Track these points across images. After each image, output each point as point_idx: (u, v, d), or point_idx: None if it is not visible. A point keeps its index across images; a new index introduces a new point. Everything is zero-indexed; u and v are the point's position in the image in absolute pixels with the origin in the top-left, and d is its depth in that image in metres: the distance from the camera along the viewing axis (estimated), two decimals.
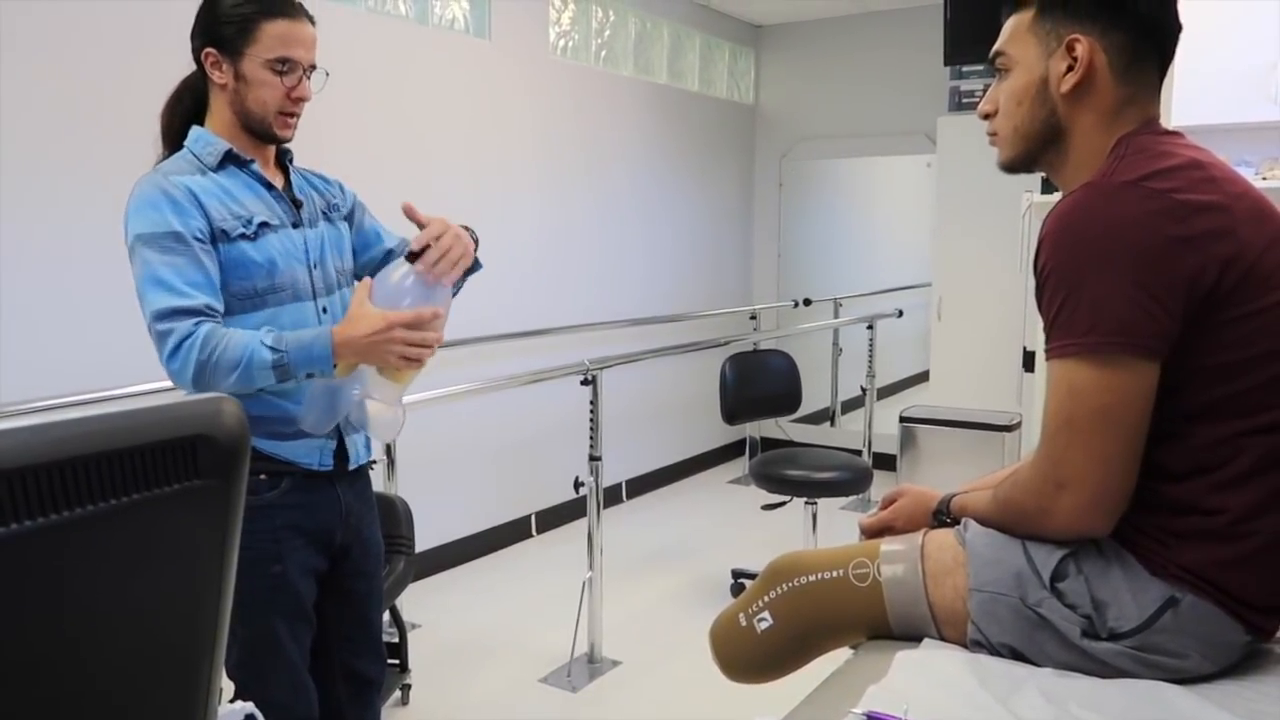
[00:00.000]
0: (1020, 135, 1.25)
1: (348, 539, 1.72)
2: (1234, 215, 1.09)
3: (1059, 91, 1.20)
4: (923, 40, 5.20)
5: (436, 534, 3.93)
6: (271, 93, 1.56)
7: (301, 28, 1.58)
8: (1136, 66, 1.19)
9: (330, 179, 1.79)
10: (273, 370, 1.46)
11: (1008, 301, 4.40)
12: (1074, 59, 1.18)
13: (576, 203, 4.71)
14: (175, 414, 0.65)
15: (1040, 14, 1.21)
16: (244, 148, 1.61)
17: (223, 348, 1.46)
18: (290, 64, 1.56)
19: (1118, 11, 1.17)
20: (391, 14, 3.77)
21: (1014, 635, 1.18)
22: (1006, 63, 1.25)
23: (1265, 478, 1.11)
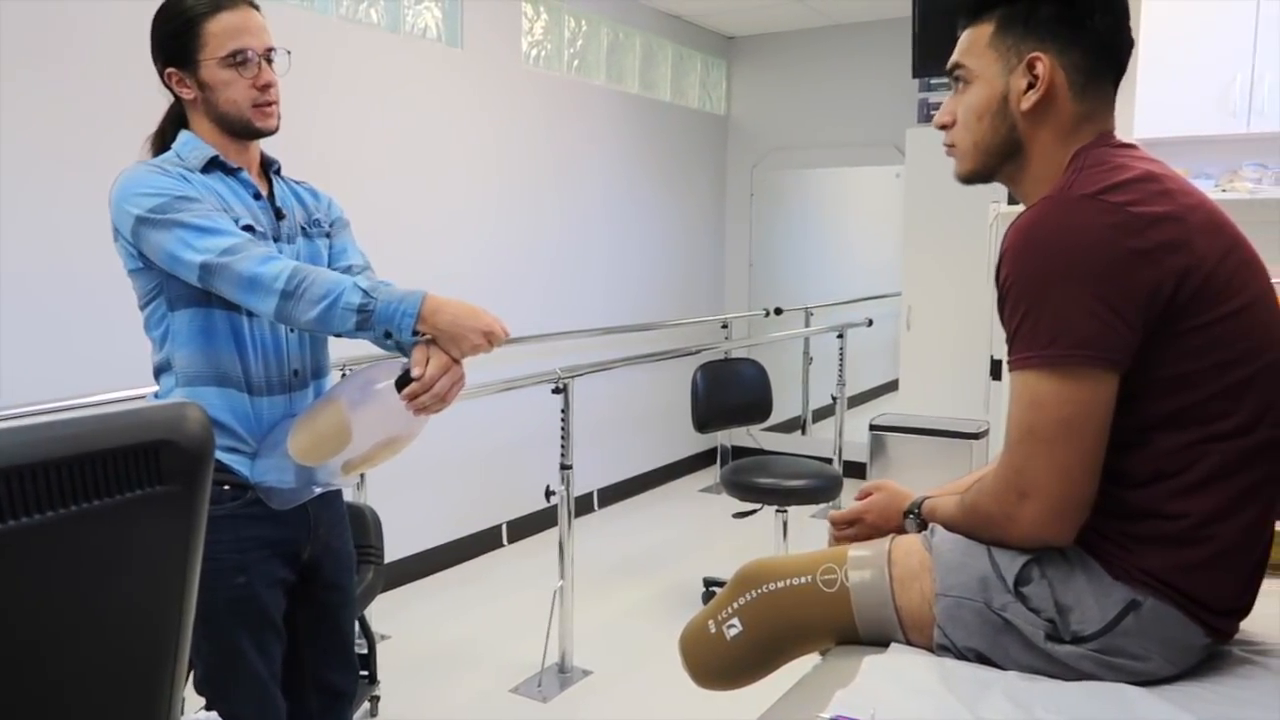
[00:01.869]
0: (980, 150, 1.26)
1: (317, 551, 1.70)
2: (1189, 226, 1.12)
3: (1019, 109, 1.21)
4: (892, 53, 5.26)
5: (406, 544, 3.90)
6: (238, 89, 1.54)
7: (246, 16, 1.55)
8: (1094, 83, 1.21)
9: (320, 194, 1.77)
10: (357, 314, 1.44)
11: (975, 311, 4.46)
12: (1035, 77, 1.20)
13: (549, 211, 4.71)
14: (139, 419, 0.65)
15: (999, 30, 1.22)
16: (231, 155, 1.59)
17: (312, 278, 1.44)
18: (244, 54, 1.53)
19: (1076, 30, 1.20)
20: (363, 21, 3.75)
21: (979, 639, 1.20)
22: (966, 75, 1.26)
23: (1224, 483, 1.13)
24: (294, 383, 1.63)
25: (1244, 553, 1.16)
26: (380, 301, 1.45)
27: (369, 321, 1.45)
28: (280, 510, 1.60)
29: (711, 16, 5.64)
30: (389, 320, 1.45)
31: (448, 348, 1.49)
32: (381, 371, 1.52)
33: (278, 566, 1.63)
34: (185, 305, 1.52)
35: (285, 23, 3.41)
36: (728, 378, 3.87)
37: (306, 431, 1.54)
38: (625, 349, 4.80)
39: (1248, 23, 3.24)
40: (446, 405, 1.51)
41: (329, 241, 1.73)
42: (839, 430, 5.05)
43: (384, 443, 1.57)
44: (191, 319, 1.53)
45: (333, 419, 1.54)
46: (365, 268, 1.73)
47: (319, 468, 1.56)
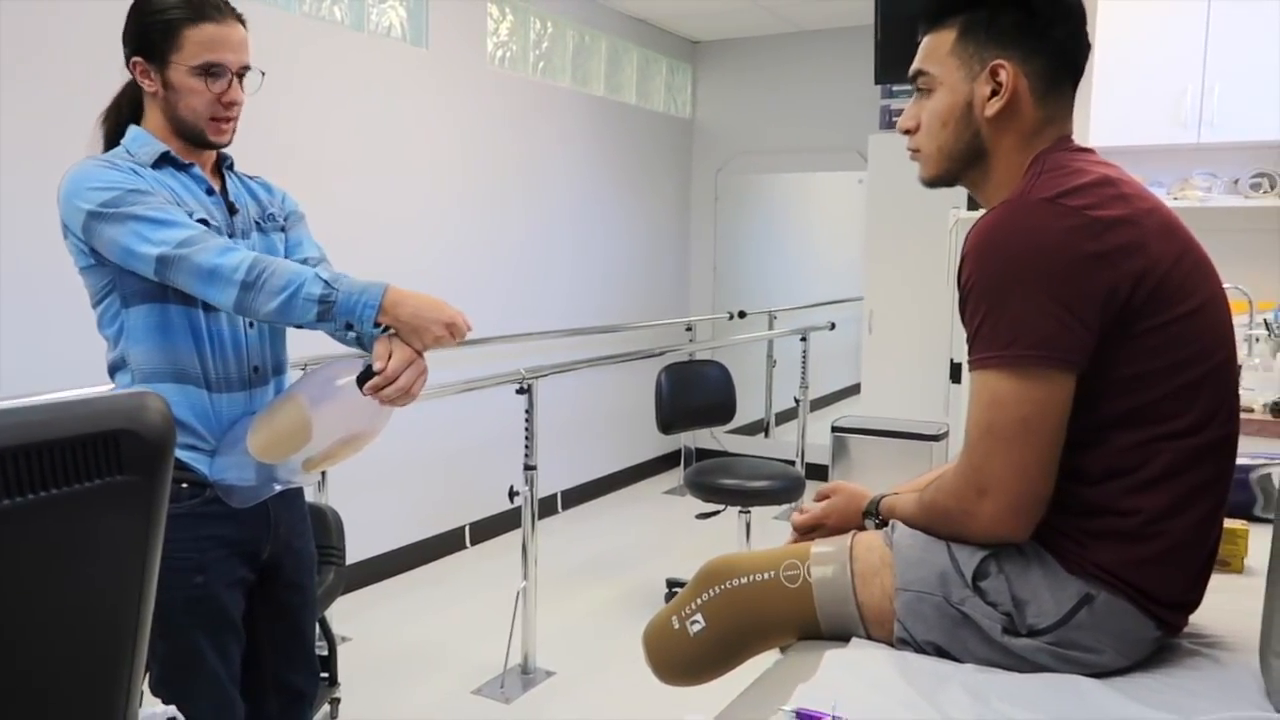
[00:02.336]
0: (944, 155, 1.28)
1: (277, 550, 1.67)
2: (1144, 230, 1.14)
3: (983, 115, 1.23)
4: (854, 60, 5.32)
5: (367, 545, 3.87)
6: (200, 100, 1.52)
7: (229, 30, 1.53)
8: (1054, 88, 1.24)
9: (274, 188, 1.75)
10: (318, 305, 1.43)
11: (936, 315, 4.52)
12: (998, 84, 1.22)
13: (513, 212, 4.70)
14: (99, 408, 0.64)
15: (962, 37, 1.24)
16: (181, 152, 1.57)
17: (272, 269, 1.43)
18: (218, 69, 1.51)
19: (1037, 38, 1.22)
20: (326, 19, 3.72)
21: (938, 633, 1.21)
22: (929, 83, 1.28)
23: (1176, 480, 1.16)
24: (254, 379, 1.61)
25: (1194, 548, 1.19)
26: (342, 292, 1.44)
27: (330, 313, 1.44)
28: (240, 509, 1.58)
29: (677, 21, 5.66)
30: (350, 311, 1.44)
31: (410, 340, 1.48)
32: (343, 367, 1.50)
33: (237, 566, 1.60)
34: (140, 301, 1.50)
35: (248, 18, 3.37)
36: (692, 379, 3.88)
37: (267, 428, 1.52)
38: (589, 350, 4.81)
39: (1198, 37, 3.32)
40: (411, 399, 1.50)
41: (284, 235, 1.71)
42: (801, 433, 5.09)
43: (346, 439, 1.55)
44: (147, 315, 1.51)
45: (293, 415, 1.52)
46: (321, 260, 1.71)
47: (279, 465, 1.54)
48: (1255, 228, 3.43)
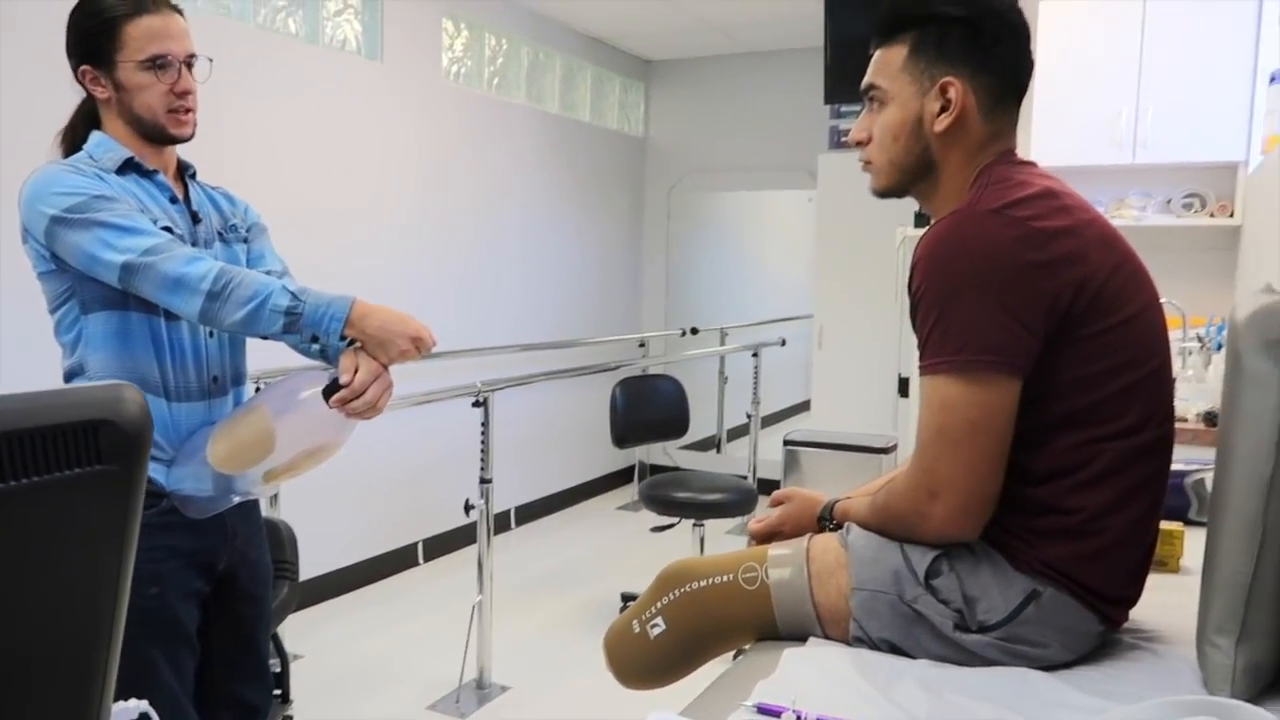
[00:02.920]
0: (895, 168, 1.33)
1: (233, 562, 1.66)
2: (1085, 240, 1.20)
3: (933, 130, 1.28)
4: (804, 80, 5.43)
5: (320, 561, 3.82)
6: (154, 94, 1.51)
7: (169, 21, 1.52)
8: (1001, 104, 1.29)
9: (237, 199, 1.74)
10: (285, 316, 1.42)
11: (884, 331, 4.61)
12: (948, 100, 1.27)
13: (468, 227, 4.70)
14: (77, 398, 0.65)
15: (913, 54, 1.28)
16: (146, 157, 1.56)
17: (239, 280, 1.42)
18: (165, 60, 1.50)
19: (984, 55, 1.27)
20: (281, 31, 3.71)
21: (893, 630, 1.25)
22: (881, 96, 1.32)
23: (1117, 478, 1.21)
24: (213, 389, 1.60)
25: (1133, 545, 1.25)
26: (309, 304, 1.44)
27: (296, 324, 1.43)
28: (196, 519, 1.56)
29: (630, 40, 5.73)
30: (317, 324, 1.44)
31: (375, 353, 1.48)
32: (308, 379, 1.50)
33: (193, 577, 1.58)
34: (100, 308, 1.48)
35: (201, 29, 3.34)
36: (646, 393, 3.91)
37: (228, 439, 1.51)
38: (543, 366, 4.81)
39: (1132, 63, 3.46)
40: (377, 413, 1.50)
41: (246, 247, 1.70)
42: (753, 448, 5.13)
43: (308, 451, 1.55)
44: (106, 322, 1.49)
45: (256, 426, 1.51)
46: (284, 273, 1.70)
47: (239, 476, 1.53)
48: (1188, 246, 3.57)
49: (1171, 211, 3.63)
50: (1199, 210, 3.59)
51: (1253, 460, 1.06)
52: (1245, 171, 3.42)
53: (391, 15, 4.16)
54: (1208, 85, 3.37)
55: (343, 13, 3.99)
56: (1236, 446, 1.08)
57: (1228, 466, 1.11)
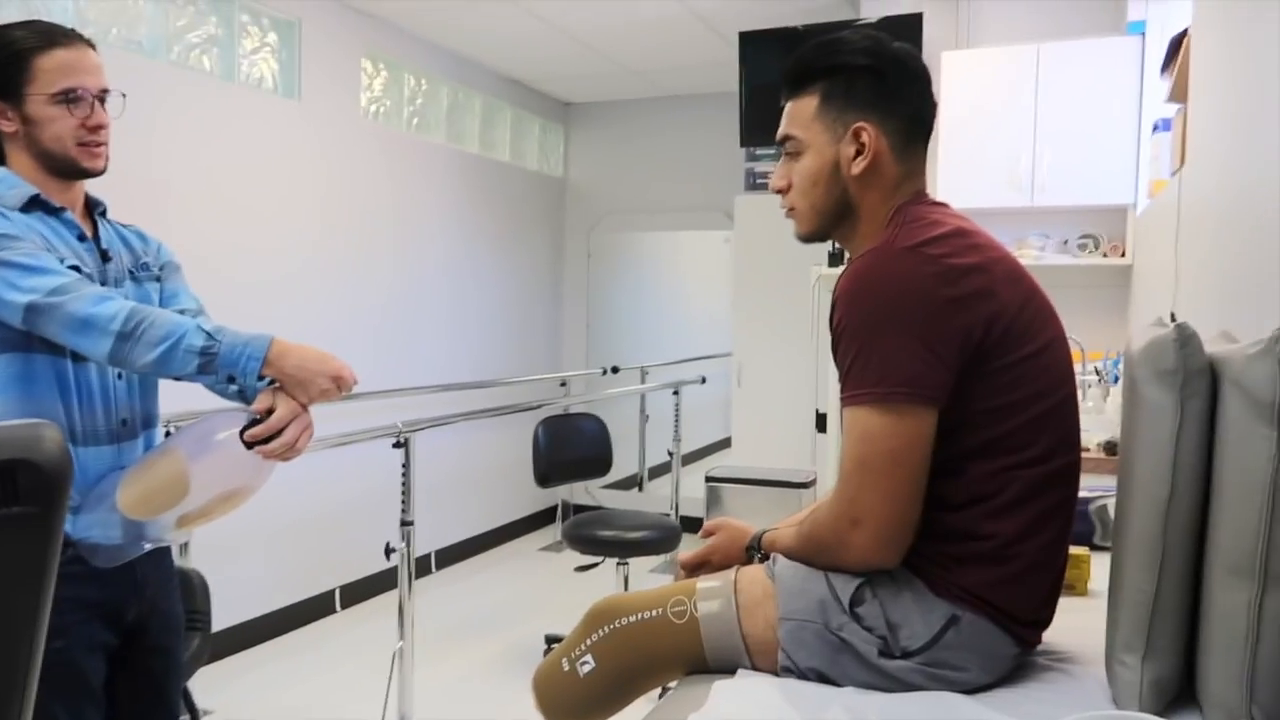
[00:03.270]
0: (816, 212, 1.38)
1: (142, 612, 1.59)
2: (994, 276, 1.26)
3: (850, 174, 1.34)
4: (720, 123, 5.55)
5: (233, 611, 3.68)
6: (65, 126, 1.47)
7: (81, 54, 1.49)
8: (910, 145, 1.36)
9: (149, 237, 1.70)
10: (199, 356, 1.38)
11: (801, 368, 4.70)
12: (861, 144, 1.33)
13: (388, 266, 4.65)
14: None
15: (823, 103, 1.34)
16: (53, 194, 1.51)
17: (151, 319, 1.38)
18: (76, 93, 1.47)
19: (891, 100, 1.34)
20: (195, 69, 3.64)
21: (819, 659, 1.27)
22: (797, 146, 1.37)
23: (1029, 505, 1.26)
24: (122, 433, 1.54)
25: (1045, 569, 1.30)
26: (225, 344, 1.40)
27: (212, 365, 1.39)
28: (104, 568, 1.50)
29: (549, 83, 5.79)
30: (233, 364, 1.40)
31: (295, 393, 1.45)
32: (223, 420, 1.45)
33: (99, 630, 1.51)
34: (5, 349, 1.42)
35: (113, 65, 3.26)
36: (569, 432, 3.90)
37: (139, 483, 1.46)
38: (464, 406, 4.76)
39: (1028, 111, 3.65)
40: (296, 454, 1.46)
41: (159, 286, 1.65)
42: (675, 485, 5.16)
43: (224, 495, 1.49)
44: (8, 364, 1.43)
45: (169, 470, 1.46)
46: (199, 312, 1.66)
47: (150, 522, 1.47)
48: (1084, 284, 3.75)
49: (1069, 251, 3.81)
50: (1093, 250, 3.79)
51: (1152, 485, 1.12)
52: (1134, 214, 3.62)
53: (309, 54, 4.13)
54: (1098, 133, 3.58)
55: (259, 51, 3.95)
56: (1136, 472, 1.14)
57: (1129, 491, 1.17)
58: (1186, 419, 1.09)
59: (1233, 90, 1.62)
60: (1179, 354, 1.09)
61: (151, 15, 3.45)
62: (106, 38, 3.29)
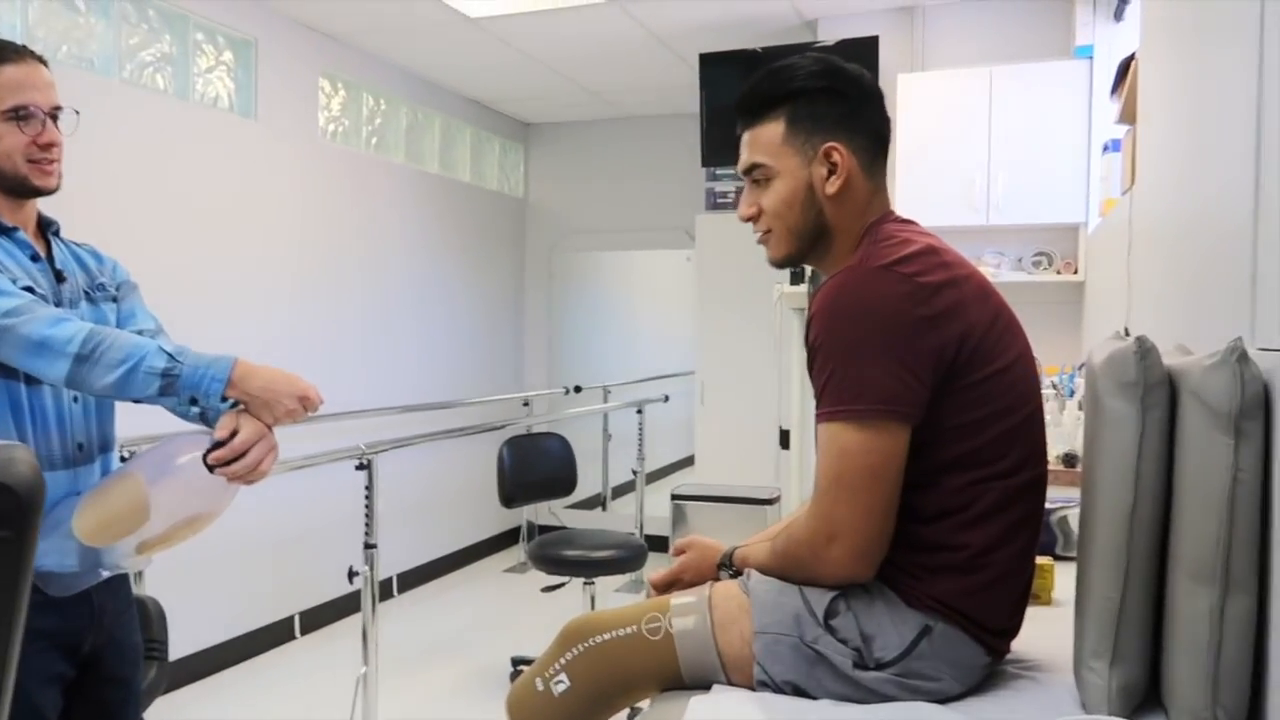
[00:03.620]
0: (794, 235, 1.39)
1: (99, 642, 1.55)
2: (964, 294, 1.29)
3: (824, 194, 1.36)
4: (681, 144, 5.59)
5: (190, 639, 3.59)
6: (14, 143, 1.45)
7: (32, 71, 1.48)
8: (875, 162, 1.39)
9: (104, 256, 1.67)
10: (161, 378, 1.35)
11: (764, 385, 4.73)
12: (833, 164, 1.35)
13: (348, 287, 4.61)
14: None
15: (790, 128, 1.36)
16: (3, 212, 1.49)
17: (110, 341, 1.36)
18: (27, 110, 1.46)
19: (854, 119, 1.37)
20: (149, 87, 3.59)
21: (795, 672, 1.28)
22: (765, 173, 1.38)
23: (1000, 516, 1.28)
24: (78, 457, 1.51)
25: (1014, 578, 1.32)
26: (187, 365, 1.38)
27: (174, 386, 1.37)
28: (59, 596, 1.46)
29: (509, 103, 5.80)
30: (196, 386, 1.38)
31: (260, 414, 1.43)
32: (185, 443, 1.43)
33: (54, 660, 1.47)
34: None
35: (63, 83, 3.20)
36: (533, 452, 3.88)
37: (96, 509, 1.42)
38: (426, 427, 4.72)
39: (982, 132, 3.74)
40: (261, 476, 1.44)
41: (115, 306, 1.63)
42: (640, 504, 5.15)
43: (186, 520, 1.46)
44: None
45: (128, 495, 1.42)
46: (158, 332, 1.65)
47: (108, 549, 1.44)
48: (1040, 300, 3.83)
49: (1024, 269, 3.90)
50: (1047, 267, 3.87)
51: (1115, 493, 1.14)
52: (1086, 232, 3.71)
53: (266, 73, 4.09)
54: (1050, 153, 3.66)
55: (215, 69, 3.91)
56: (1100, 481, 1.17)
57: (1093, 500, 1.19)
58: (1148, 429, 1.12)
59: (1180, 112, 1.67)
60: (1139, 366, 1.12)
61: (103, 33, 3.41)
62: (56, 55, 3.24)
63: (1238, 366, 1.01)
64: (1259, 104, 1.11)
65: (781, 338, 4.29)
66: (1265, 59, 1.09)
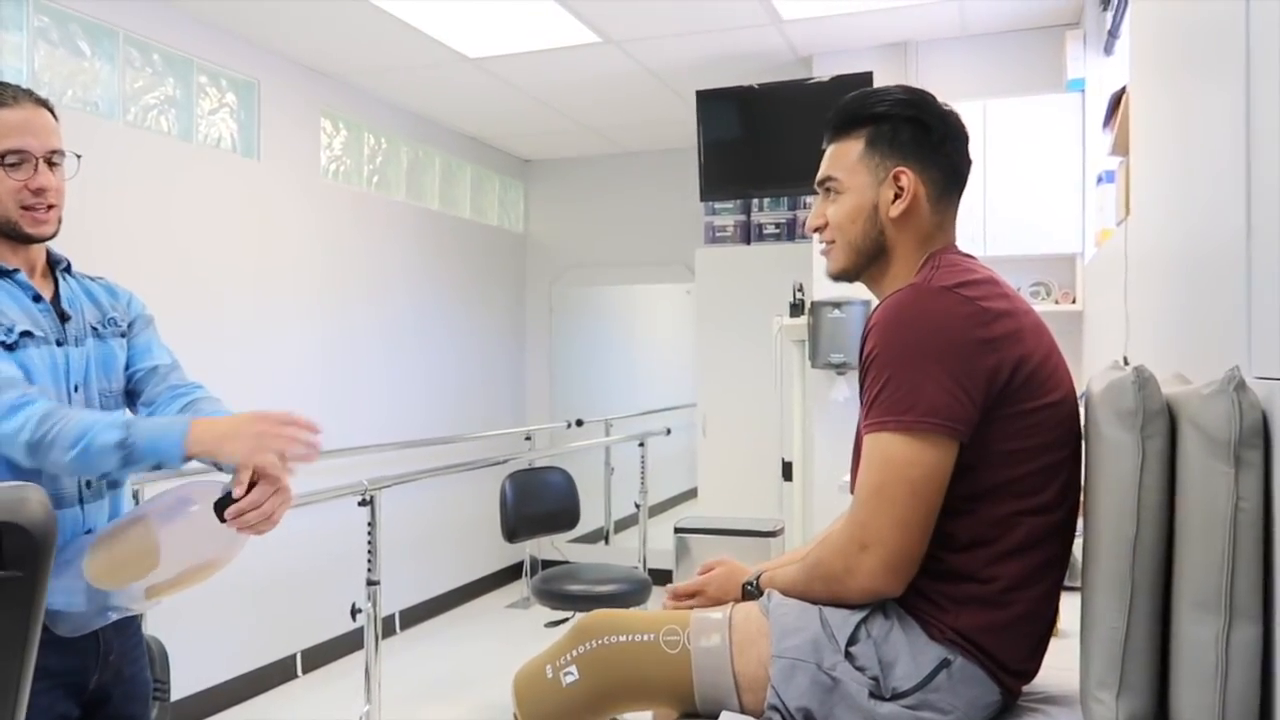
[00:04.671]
0: (854, 249, 1.43)
1: (105, 681, 1.55)
2: (1022, 324, 1.31)
3: (888, 216, 1.39)
4: (679, 178, 5.65)
5: (191, 680, 3.56)
6: (5, 188, 1.45)
7: (27, 115, 1.47)
8: (945, 197, 1.42)
9: (119, 290, 1.69)
10: (117, 450, 1.35)
11: (766, 416, 4.73)
12: (900, 188, 1.38)
13: (351, 324, 4.63)
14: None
15: (868, 147, 1.40)
16: (6, 256, 1.50)
17: (63, 424, 1.35)
18: (20, 155, 1.45)
19: (932, 151, 1.40)
20: (153, 129, 3.64)
21: (809, 698, 1.27)
22: (838, 186, 1.43)
23: (1032, 552, 1.29)
24: (86, 495, 1.52)
25: (1038, 619, 1.32)
26: (140, 437, 1.36)
27: (132, 457, 1.36)
28: (66, 636, 1.46)
29: (508, 140, 5.86)
30: (154, 453, 1.37)
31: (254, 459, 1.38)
32: (198, 489, 1.42)
33: (59, 699, 1.47)
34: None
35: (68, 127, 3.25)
36: (536, 486, 3.88)
37: (107, 552, 1.43)
38: (428, 463, 4.71)
39: (977, 166, 3.74)
40: (273, 526, 1.42)
41: (126, 341, 1.65)
42: (643, 538, 5.14)
43: (196, 567, 1.48)
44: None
45: (139, 540, 1.44)
46: (174, 367, 1.67)
47: (117, 592, 1.45)
48: None
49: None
50: (1045, 297, 3.89)
51: (1117, 522, 1.15)
52: (1082, 262, 3.73)
53: (269, 114, 4.14)
54: (1044, 185, 3.70)
55: (218, 111, 3.95)
56: (1101, 511, 1.17)
57: (1096, 530, 1.19)
58: (1148, 458, 1.13)
59: (1171, 143, 1.70)
60: (1138, 395, 1.13)
61: (107, 77, 3.45)
62: (62, 99, 3.28)
63: (1235, 395, 1.01)
64: (1248, 133, 1.13)
65: (782, 369, 4.31)
66: (1252, 89, 1.11)
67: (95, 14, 3.37)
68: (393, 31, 3.89)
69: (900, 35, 4.08)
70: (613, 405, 6.44)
